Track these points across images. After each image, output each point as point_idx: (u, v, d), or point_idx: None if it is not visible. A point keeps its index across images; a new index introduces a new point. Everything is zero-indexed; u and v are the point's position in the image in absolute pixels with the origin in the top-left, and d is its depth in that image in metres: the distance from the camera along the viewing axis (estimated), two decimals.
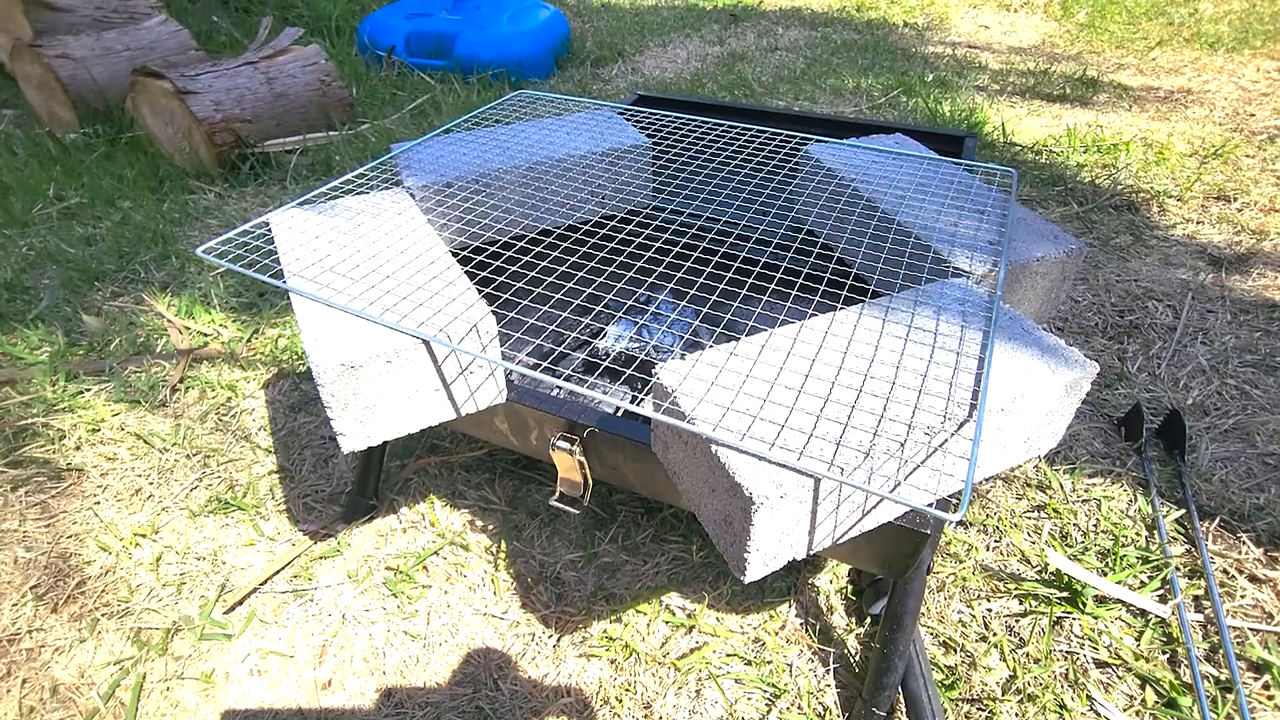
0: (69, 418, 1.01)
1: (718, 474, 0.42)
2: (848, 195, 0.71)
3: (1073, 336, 1.11)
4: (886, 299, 0.54)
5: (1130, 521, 0.82)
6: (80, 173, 1.64)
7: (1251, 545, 0.79)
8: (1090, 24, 2.58)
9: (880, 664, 0.62)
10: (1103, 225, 1.37)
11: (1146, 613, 0.73)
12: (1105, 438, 0.93)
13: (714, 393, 0.45)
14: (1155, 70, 2.14)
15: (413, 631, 0.74)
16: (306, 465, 0.93)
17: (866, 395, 0.45)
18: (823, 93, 2.06)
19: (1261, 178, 1.51)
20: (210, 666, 0.72)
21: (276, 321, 1.20)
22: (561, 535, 0.83)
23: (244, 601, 0.78)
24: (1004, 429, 0.47)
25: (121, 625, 0.75)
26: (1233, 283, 1.20)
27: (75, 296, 1.25)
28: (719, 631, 0.73)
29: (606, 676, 0.70)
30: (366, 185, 0.73)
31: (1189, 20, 2.55)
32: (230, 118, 1.58)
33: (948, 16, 2.76)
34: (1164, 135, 1.71)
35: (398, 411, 0.53)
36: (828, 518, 0.43)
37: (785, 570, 0.78)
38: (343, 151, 1.69)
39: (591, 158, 0.80)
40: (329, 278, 0.57)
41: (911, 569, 0.55)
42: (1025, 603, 0.75)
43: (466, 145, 0.81)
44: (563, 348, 0.80)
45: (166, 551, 0.83)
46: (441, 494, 0.89)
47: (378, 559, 0.82)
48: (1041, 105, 1.93)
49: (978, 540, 0.81)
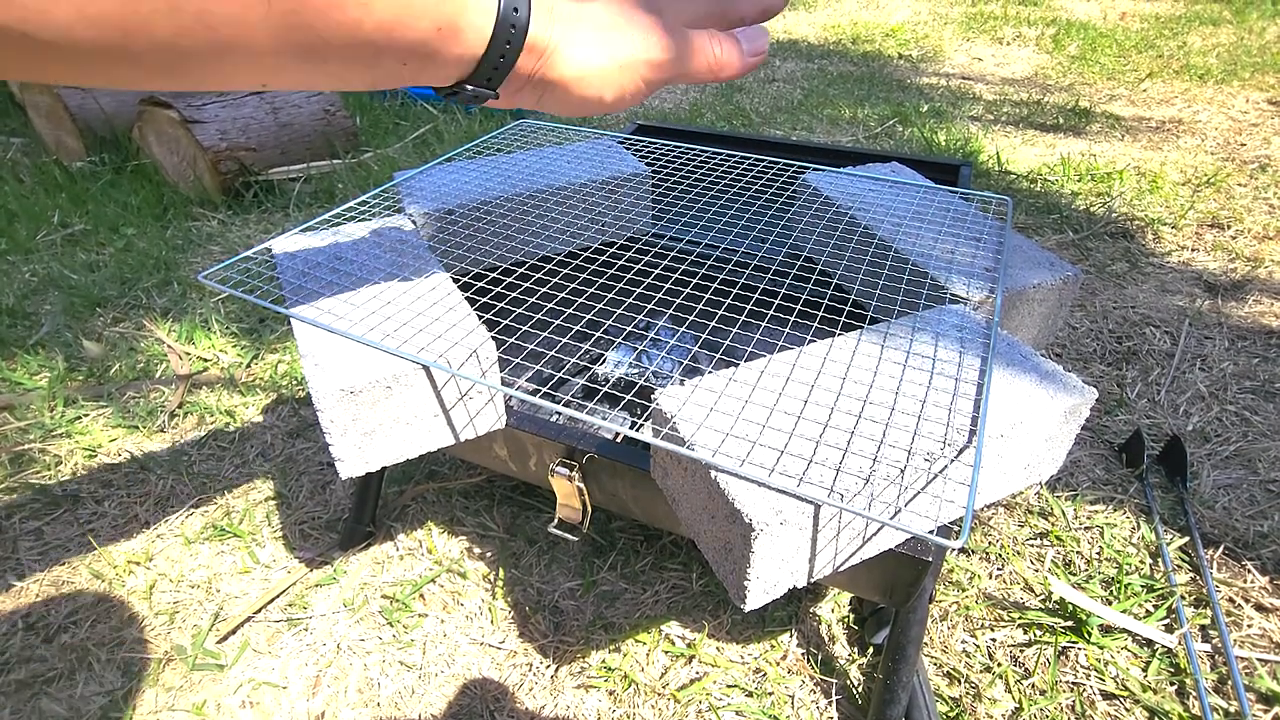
0: (66, 443, 1.00)
1: (717, 500, 0.41)
2: (845, 222, 0.72)
3: (1071, 363, 1.11)
4: (884, 325, 0.54)
5: (1134, 549, 0.81)
6: (85, 200, 1.65)
7: (1257, 573, 0.78)
8: (1081, 56, 2.63)
9: (883, 695, 0.61)
10: (1098, 252, 1.38)
11: (1153, 642, 0.72)
12: (1106, 464, 0.93)
13: (713, 418, 0.45)
14: (1146, 101, 2.18)
15: (408, 661, 0.73)
16: (304, 491, 0.93)
17: (865, 421, 0.45)
18: (820, 123, 2.09)
19: (1254, 206, 1.52)
20: (202, 698, 0.70)
21: (276, 347, 1.20)
22: (560, 563, 0.82)
23: (237, 630, 0.76)
24: (1004, 455, 0.47)
25: (113, 655, 0.74)
26: (1229, 309, 1.21)
27: (76, 322, 1.26)
28: (719, 662, 0.72)
29: (605, 708, 0.69)
30: (369, 212, 0.74)
31: (1178, 53, 2.60)
32: (235, 146, 1.60)
33: (942, 49, 2.81)
34: (1157, 164, 1.73)
35: (397, 437, 0.53)
36: (828, 545, 0.42)
37: (786, 599, 0.77)
38: (346, 180, 1.71)
39: (592, 186, 0.81)
40: (330, 303, 0.57)
41: (914, 597, 0.54)
42: (1030, 632, 0.74)
43: (468, 173, 0.82)
44: (562, 373, 0.80)
45: (160, 579, 0.82)
46: (439, 521, 0.88)
47: (374, 587, 0.81)
48: (1035, 135, 1.96)
49: (980, 568, 0.81)
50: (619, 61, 0.36)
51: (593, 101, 0.37)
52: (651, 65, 0.37)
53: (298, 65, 0.28)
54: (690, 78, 0.39)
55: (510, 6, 0.32)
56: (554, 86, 0.35)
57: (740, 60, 0.40)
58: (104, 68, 0.24)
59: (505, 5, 0.31)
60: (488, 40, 0.32)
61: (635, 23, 0.36)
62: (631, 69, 0.36)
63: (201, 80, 0.27)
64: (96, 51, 0.23)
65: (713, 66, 0.39)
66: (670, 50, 0.37)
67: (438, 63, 0.32)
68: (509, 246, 0.76)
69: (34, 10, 0.21)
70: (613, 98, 0.37)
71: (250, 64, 0.27)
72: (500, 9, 0.31)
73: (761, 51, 0.41)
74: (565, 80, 0.35)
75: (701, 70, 0.39)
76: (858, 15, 3.38)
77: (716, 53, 0.39)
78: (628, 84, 0.37)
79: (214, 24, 0.24)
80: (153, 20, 0.23)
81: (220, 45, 0.25)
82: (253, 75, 0.28)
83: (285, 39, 0.26)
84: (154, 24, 0.23)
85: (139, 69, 0.25)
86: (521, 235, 0.76)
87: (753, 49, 0.41)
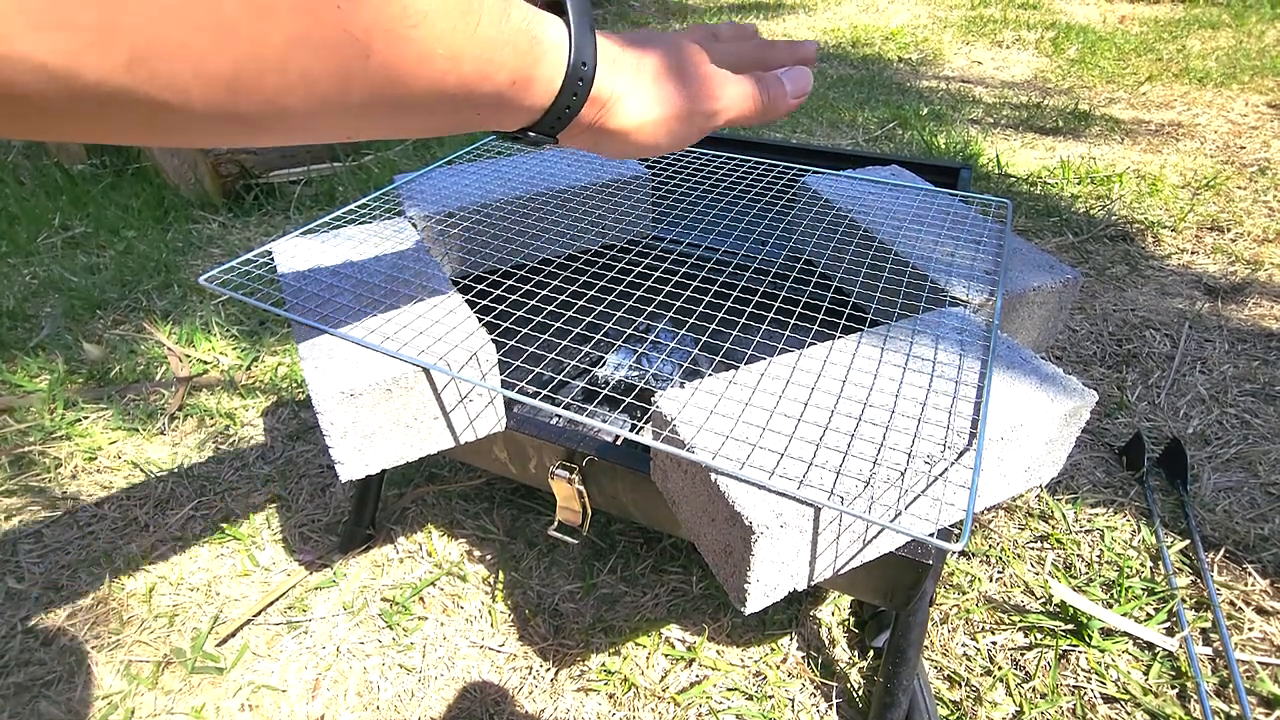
0: (66, 445, 1.00)
1: (717, 503, 0.41)
2: (845, 225, 0.72)
3: (1071, 365, 1.11)
4: (884, 327, 0.54)
5: (1134, 552, 0.81)
6: (86, 202, 1.65)
7: (1258, 577, 0.78)
8: (1081, 60, 2.64)
9: (884, 699, 0.61)
10: (1098, 255, 1.38)
11: (1154, 646, 0.72)
12: (1107, 467, 0.92)
13: (713, 421, 0.45)
14: (1146, 104, 2.18)
15: (408, 665, 0.73)
16: (304, 494, 0.93)
17: (866, 424, 0.45)
18: (820, 126, 2.10)
19: (1254, 209, 1.52)
20: (201, 701, 0.70)
21: (276, 349, 1.20)
22: (560, 566, 0.82)
23: (237, 633, 0.76)
24: (1004, 458, 0.47)
25: (112, 658, 0.74)
26: (1229, 312, 1.21)
27: (77, 325, 1.26)
28: (719, 665, 0.72)
29: (605, 711, 0.68)
30: (369, 215, 0.74)
31: (1177, 56, 2.61)
32: (236, 149, 1.60)
33: (941, 52, 2.82)
34: (1156, 167, 1.73)
35: (397, 440, 0.53)
36: (828, 548, 0.42)
37: (786, 602, 0.77)
38: (346, 182, 1.71)
39: (592, 188, 0.81)
40: (330, 306, 0.57)
41: (914, 600, 0.54)
42: (1030, 635, 0.74)
43: (469, 176, 0.82)
44: (562, 376, 0.80)
45: (160, 582, 0.82)
46: (439, 523, 0.88)
47: (374, 590, 0.80)
48: (1035, 138, 1.96)
49: (980, 571, 0.81)
50: (675, 112, 0.37)
51: (648, 147, 0.38)
52: (705, 114, 0.39)
53: (383, 119, 0.29)
54: (739, 121, 0.41)
55: (579, 60, 0.33)
56: (613, 134, 0.37)
57: (785, 101, 0.42)
58: (212, 127, 0.24)
59: (574, 60, 0.33)
60: (556, 92, 0.33)
61: (690, 74, 0.38)
62: (687, 118, 0.38)
63: (293, 135, 0.27)
64: (208, 113, 0.23)
65: (760, 108, 0.41)
66: (722, 98, 0.39)
67: (508, 111, 0.33)
68: (509, 249, 0.76)
69: (162, 75, 0.21)
70: (667, 143, 0.39)
71: (343, 120, 0.27)
72: (570, 63, 0.33)
73: (804, 92, 0.43)
74: (625, 130, 0.37)
75: (750, 113, 0.41)
76: (857, 19, 3.38)
77: (763, 96, 0.41)
78: (680, 130, 0.38)
79: (316, 80, 0.25)
80: (262, 79, 0.23)
81: (320, 104, 0.25)
82: (342, 129, 0.28)
83: (378, 94, 0.27)
84: (263, 82, 0.23)
85: (241, 127, 0.25)
86: (522, 238, 0.77)
87: (795, 90, 0.42)
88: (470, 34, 0.28)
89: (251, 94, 0.24)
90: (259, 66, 0.23)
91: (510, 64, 0.30)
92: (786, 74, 0.42)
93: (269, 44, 0.23)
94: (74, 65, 0.19)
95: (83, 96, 0.20)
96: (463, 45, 0.28)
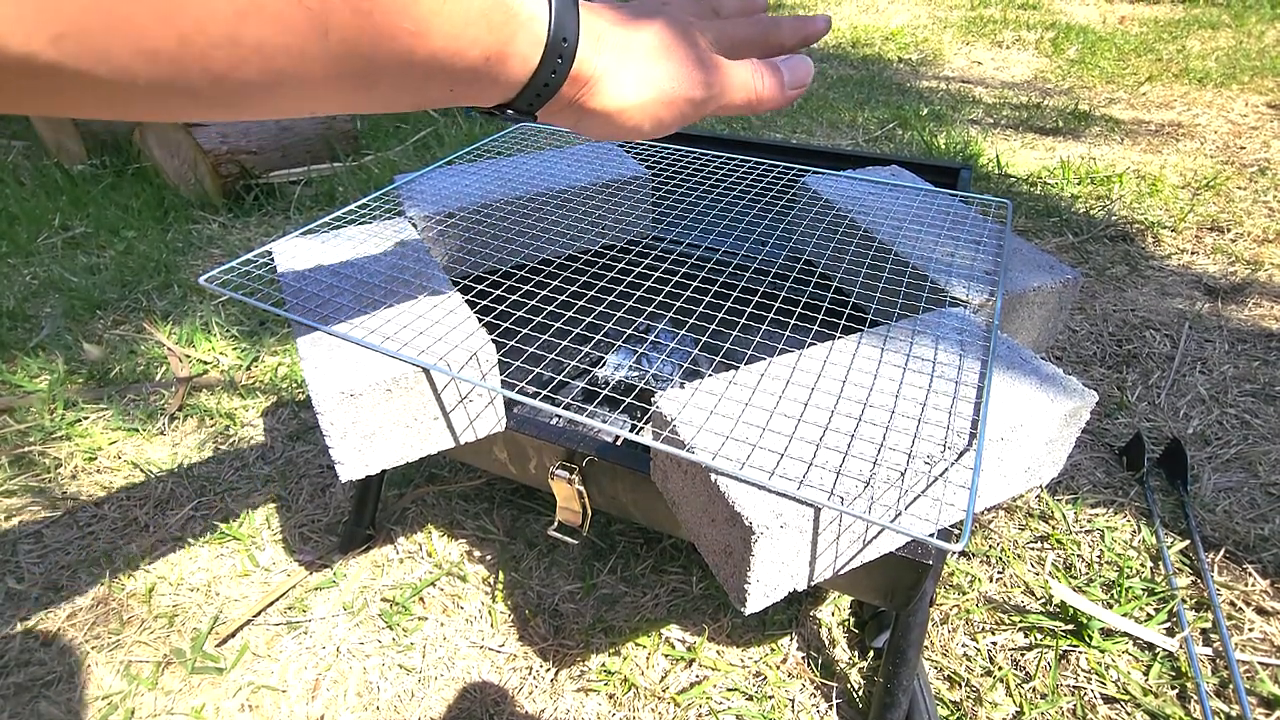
0: (66, 445, 1.00)
1: (717, 503, 0.41)
2: (845, 225, 0.72)
3: (1071, 366, 1.11)
4: (884, 328, 0.54)
5: (1134, 552, 0.81)
6: (86, 203, 1.65)
7: (1258, 577, 0.78)
8: (1081, 60, 2.64)
9: (884, 699, 0.61)
10: (1098, 256, 1.38)
11: (1154, 646, 0.72)
12: (1107, 467, 0.92)
13: (713, 421, 0.45)
14: (1146, 104, 2.18)
15: (408, 665, 0.73)
16: (304, 494, 0.93)
17: (866, 424, 0.45)
18: (820, 126, 2.10)
19: (1254, 209, 1.52)
20: (201, 701, 0.70)
21: (276, 349, 1.20)
22: (560, 566, 0.82)
23: (237, 634, 0.76)
24: (1004, 458, 0.47)
25: (111, 658, 0.74)
26: (1229, 312, 1.21)
27: (77, 325, 1.26)
28: (720, 665, 0.72)
29: (605, 711, 0.68)
30: (369, 215, 0.74)
31: (1177, 56, 2.61)
32: (236, 149, 1.60)
33: (941, 53, 2.82)
34: (1156, 167, 1.73)
35: (397, 440, 0.53)
36: (828, 548, 0.42)
37: (786, 602, 0.77)
38: (346, 183, 1.71)
39: (592, 189, 0.81)
40: (330, 306, 0.57)
41: (914, 600, 0.54)
42: (1030, 636, 0.74)
43: (469, 176, 0.82)
44: (562, 376, 0.80)
45: (160, 582, 0.82)
46: (439, 523, 0.88)
47: (374, 590, 0.80)
48: (1035, 138, 1.96)
49: (981, 571, 0.81)
50: (661, 97, 0.36)
51: (631, 131, 0.37)
52: (693, 101, 0.37)
53: (348, 92, 0.28)
54: (729, 110, 0.39)
55: (559, 36, 0.31)
56: (594, 115, 0.35)
57: (781, 93, 0.40)
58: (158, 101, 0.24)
59: (554, 35, 0.31)
60: (534, 69, 0.32)
61: (680, 55, 0.36)
62: (673, 104, 0.36)
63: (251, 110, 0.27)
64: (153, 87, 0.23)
65: (752, 100, 0.39)
66: (713, 85, 0.37)
67: (483, 87, 0.31)
68: (509, 249, 0.76)
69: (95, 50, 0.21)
70: (650, 128, 0.37)
71: (302, 93, 0.27)
72: (549, 38, 0.31)
73: (803, 83, 0.40)
74: (607, 111, 0.35)
75: (741, 104, 0.39)
76: (857, 19, 3.38)
77: (758, 86, 0.39)
78: (666, 116, 0.37)
79: (271, 55, 0.24)
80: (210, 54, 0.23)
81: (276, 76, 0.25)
82: (303, 103, 0.28)
83: (340, 68, 0.26)
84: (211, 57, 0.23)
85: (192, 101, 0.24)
86: (522, 238, 0.76)
87: (794, 80, 0.40)
88: (437, 6, 0.27)
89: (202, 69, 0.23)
90: (206, 40, 0.22)
91: (484, 38, 0.29)
92: (786, 63, 0.40)
93: (215, 18, 0.22)
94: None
95: (10, 70, 0.19)
96: (429, 17, 0.27)
